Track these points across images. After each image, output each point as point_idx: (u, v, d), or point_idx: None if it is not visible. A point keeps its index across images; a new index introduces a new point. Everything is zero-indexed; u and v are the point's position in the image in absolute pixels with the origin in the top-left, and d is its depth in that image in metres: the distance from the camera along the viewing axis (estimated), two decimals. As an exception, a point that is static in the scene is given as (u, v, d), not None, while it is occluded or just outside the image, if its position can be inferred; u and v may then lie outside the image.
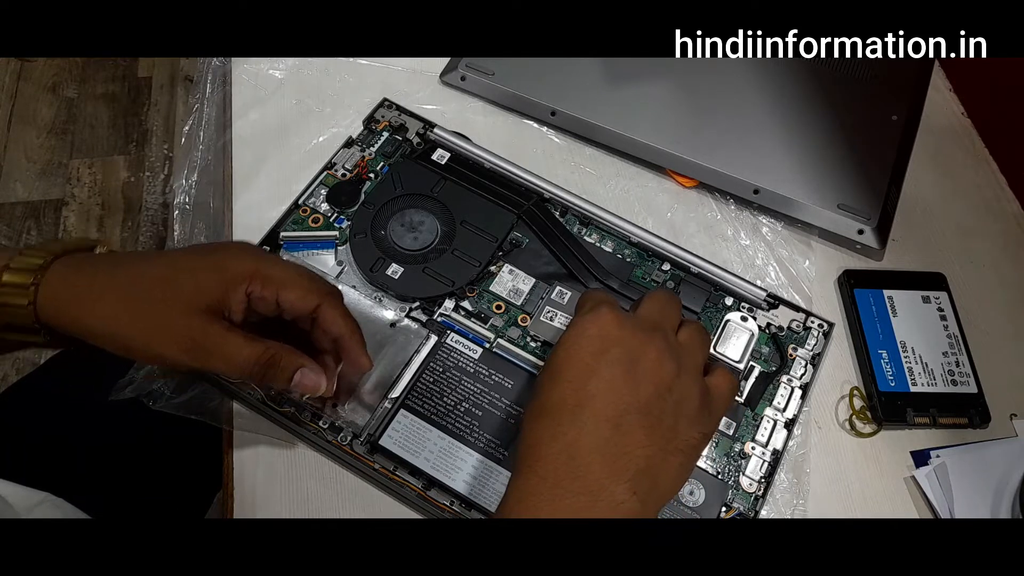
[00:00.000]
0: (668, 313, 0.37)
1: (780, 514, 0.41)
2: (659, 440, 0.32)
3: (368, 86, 0.55)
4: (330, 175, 0.50)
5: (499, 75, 0.55)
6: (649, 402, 0.32)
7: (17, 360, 1.20)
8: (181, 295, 0.34)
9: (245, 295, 0.35)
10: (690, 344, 0.36)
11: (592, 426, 0.31)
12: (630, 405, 0.32)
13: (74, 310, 0.35)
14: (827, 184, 0.50)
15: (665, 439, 0.32)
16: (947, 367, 0.45)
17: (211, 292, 0.34)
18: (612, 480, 0.31)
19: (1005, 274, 0.51)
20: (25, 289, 0.34)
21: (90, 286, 0.35)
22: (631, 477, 0.31)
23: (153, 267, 0.35)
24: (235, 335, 0.35)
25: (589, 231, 0.49)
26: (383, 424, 0.41)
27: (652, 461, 0.32)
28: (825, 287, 0.49)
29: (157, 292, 0.34)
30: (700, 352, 0.36)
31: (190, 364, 0.34)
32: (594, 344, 0.33)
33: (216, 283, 0.35)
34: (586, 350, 0.33)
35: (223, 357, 0.35)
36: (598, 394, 0.32)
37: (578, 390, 0.32)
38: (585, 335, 0.34)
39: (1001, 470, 0.43)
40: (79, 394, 0.54)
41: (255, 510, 0.40)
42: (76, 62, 1.51)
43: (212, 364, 0.35)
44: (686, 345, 0.35)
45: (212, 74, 0.55)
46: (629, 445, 0.32)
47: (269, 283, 0.36)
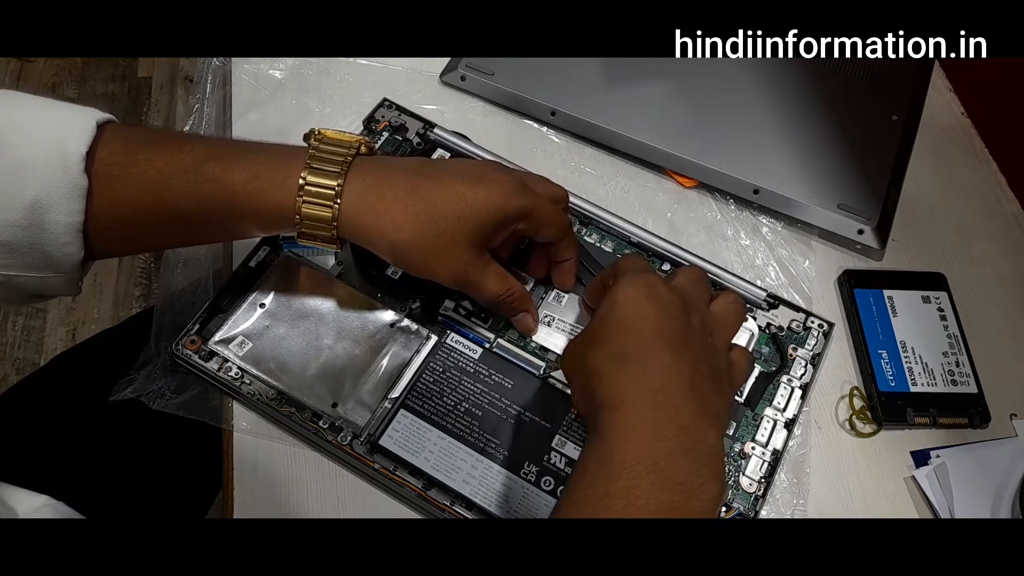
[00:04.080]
0: (701, 289, 0.38)
1: (780, 514, 0.41)
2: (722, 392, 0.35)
3: (368, 86, 0.55)
4: (330, 175, 0.50)
5: (499, 75, 0.55)
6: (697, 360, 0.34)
7: (17, 360, 1.20)
8: (464, 230, 0.37)
9: (514, 232, 0.40)
10: (723, 318, 0.38)
11: (677, 369, 0.33)
12: (697, 358, 0.34)
13: (364, 222, 0.37)
14: (827, 184, 0.50)
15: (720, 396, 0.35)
16: (947, 367, 0.45)
17: (490, 232, 0.38)
18: (703, 422, 0.32)
19: (1005, 274, 0.51)
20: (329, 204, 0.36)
21: (382, 203, 0.37)
22: (717, 422, 0.33)
23: (442, 193, 0.37)
24: (492, 269, 0.40)
25: (589, 231, 0.49)
26: (383, 424, 0.41)
27: (720, 409, 0.34)
28: (825, 287, 0.49)
29: (444, 224, 0.37)
30: (732, 327, 0.38)
31: (451, 286, 0.39)
32: (653, 302, 0.35)
33: (496, 225, 0.38)
34: (648, 305, 0.34)
35: (479, 288, 0.40)
36: (675, 341, 0.33)
37: (654, 339, 0.33)
38: (643, 293, 0.35)
39: (1001, 470, 0.43)
40: (79, 394, 0.54)
41: (255, 510, 0.40)
42: (76, 62, 1.51)
43: (468, 290, 0.40)
44: (719, 318, 0.37)
45: (212, 74, 0.55)
46: (707, 391, 0.33)
47: (535, 222, 0.40)
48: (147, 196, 0.36)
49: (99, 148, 0.35)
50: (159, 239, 0.40)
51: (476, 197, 0.37)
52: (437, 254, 0.37)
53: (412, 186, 0.37)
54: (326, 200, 0.36)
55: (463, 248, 0.38)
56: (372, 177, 0.37)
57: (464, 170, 0.39)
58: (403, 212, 0.37)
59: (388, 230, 0.37)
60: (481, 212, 0.37)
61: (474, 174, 0.38)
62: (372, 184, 0.37)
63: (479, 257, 0.39)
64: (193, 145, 0.37)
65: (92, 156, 0.35)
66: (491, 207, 0.37)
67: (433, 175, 0.38)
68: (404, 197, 0.37)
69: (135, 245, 0.40)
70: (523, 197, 0.38)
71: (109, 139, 0.36)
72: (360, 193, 0.37)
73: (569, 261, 0.44)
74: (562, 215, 0.42)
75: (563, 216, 0.42)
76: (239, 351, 0.42)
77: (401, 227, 0.37)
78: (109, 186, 0.35)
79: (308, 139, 0.38)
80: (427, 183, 0.37)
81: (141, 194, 0.36)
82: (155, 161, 0.36)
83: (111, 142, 0.36)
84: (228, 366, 0.42)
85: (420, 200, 0.37)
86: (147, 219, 0.37)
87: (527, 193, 0.39)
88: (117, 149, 0.36)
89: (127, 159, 0.36)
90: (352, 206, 0.36)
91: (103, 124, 0.36)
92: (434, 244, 0.37)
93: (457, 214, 0.37)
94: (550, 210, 0.40)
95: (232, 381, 0.42)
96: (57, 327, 1.23)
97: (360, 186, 0.37)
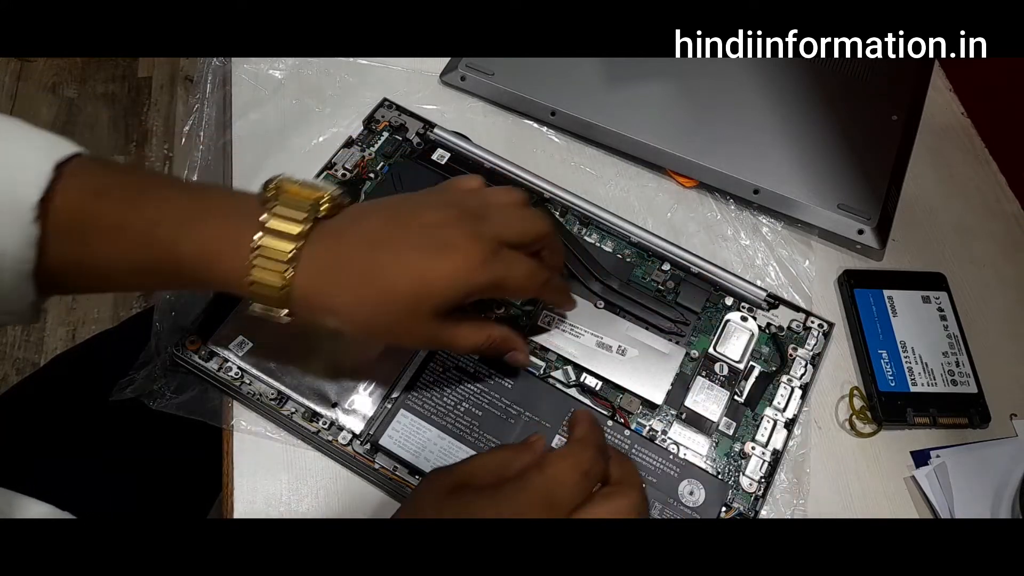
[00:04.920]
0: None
1: (780, 514, 0.41)
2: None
3: (368, 86, 0.55)
4: (330, 175, 0.50)
5: (499, 75, 0.55)
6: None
7: (17, 360, 1.20)
8: (425, 307, 0.35)
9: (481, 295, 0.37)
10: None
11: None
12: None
13: (317, 306, 0.35)
14: (827, 184, 0.50)
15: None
16: (947, 367, 0.45)
17: (454, 304, 0.36)
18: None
19: (1005, 274, 0.51)
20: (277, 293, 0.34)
21: (335, 287, 0.35)
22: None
23: (400, 272, 0.35)
24: (463, 327, 0.38)
25: (589, 231, 0.49)
26: (383, 424, 0.41)
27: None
28: (825, 287, 0.49)
29: (403, 303, 0.35)
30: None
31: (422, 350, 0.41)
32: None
33: (460, 298, 0.36)
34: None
35: (453, 347, 0.39)
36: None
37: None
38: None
39: (1001, 470, 0.43)
40: (79, 394, 0.54)
41: (255, 510, 0.40)
42: (76, 62, 1.51)
43: (442, 348, 0.41)
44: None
45: (212, 74, 0.55)
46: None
47: (506, 291, 0.38)
48: (99, 253, 0.34)
49: (55, 196, 0.33)
50: (118, 288, 0.39)
51: (439, 273, 0.35)
52: (398, 330, 0.36)
53: (367, 266, 0.35)
54: (274, 289, 0.34)
55: (426, 320, 0.36)
56: (323, 262, 0.35)
57: (430, 235, 0.36)
58: (357, 298, 0.35)
59: (342, 314, 0.35)
60: (444, 290, 0.35)
61: (439, 243, 0.35)
62: (324, 269, 0.35)
63: (445, 321, 0.36)
64: (146, 203, 0.35)
65: (47, 204, 0.32)
66: (455, 284, 0.35)
67: (394, 245, 0.35)
68: (358, 282, 0.35)
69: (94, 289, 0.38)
70: (491, 270, 0.36)
71: (66, 186, 0.33)
72: (312, 278, 0.34)
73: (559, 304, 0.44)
74: (537, 278, 0.38)
75: (539, 278, 0.39)
76: (239, 351, 0.42)
77: (355, 312, 0.35)
78: (61, 239, 0.33)
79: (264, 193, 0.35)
80: (385, 257, 0.35)
81: (93, 250, 0.34)
82: (108, 218, 0.34)
83: (68, 189, 0.33)
84: (228, 366, 0.42)
85: (376, 281, 0.35)
86: (100, 273, 0.36)
87: (496, 264, 0.36)
88: (72, 199, 0.33)
89: (80, 214, 0.34)
90: (303, 291, 0.34)
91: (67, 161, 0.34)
92: (393, 322, 0.36)
93: (416, 292, 0.35)
94: (523, 278, 0.38)
95: (232, 381, 0.42)
96: (57, 327, 1.23)
97: (311, 271, 0.34)
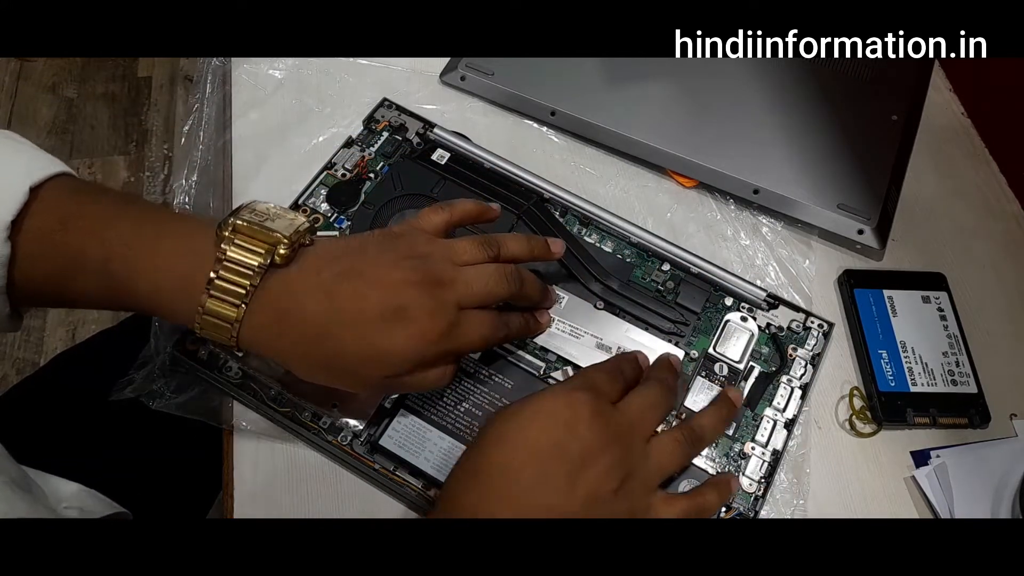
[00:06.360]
0: (651, 416, 0.37)
1: (780, 514, 0.41)
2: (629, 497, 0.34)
3: (368, 86, 0.55)
4: (330, 175, 0.50)
5: (499, 75, 0.55)
6: (575, 511, 0.33)
7: (17, 360, 1.20)
8: (374, 373, 0.35)
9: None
10: (656, 458, 0.36)
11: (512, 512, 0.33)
12: (554, 507, 0.33)
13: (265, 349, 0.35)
14: (827, 184, 0.50)
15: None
16: (947, 367, 0.45)
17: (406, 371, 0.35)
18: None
19: (1005, 274, 0.51)
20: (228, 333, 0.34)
21: (281, 341, 0.35)
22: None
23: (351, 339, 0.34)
24: (419, 373, 0.36)
25: (589, 231, 0.49)
26: (383, 424, 0.41)
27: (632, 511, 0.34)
28: (825, 287, 0.49)
29: (351, 366, 0.35)
30: (659, 472, 0.36)
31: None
32: (556, 431, 0.34)
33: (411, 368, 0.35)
34: (545, 432, 0.34)
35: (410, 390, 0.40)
36: (530, 488, 0.33)
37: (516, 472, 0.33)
38: (553, 415, 0.34)
39: (1001, 470, 0.43)
40: (79, 394, 0.54)
41: (255, 510, 0.40)
42: (76, 62, 1.51)
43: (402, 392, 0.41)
44: (652, 456, 0.36)
45: (212, 74, 0.55)
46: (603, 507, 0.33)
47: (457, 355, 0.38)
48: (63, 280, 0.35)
49: (27, 218, 0.34)
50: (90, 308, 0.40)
51: (391, 345, 0.34)
52: (348, 385, 0.36)
53: (318, 325, 0.34)
54: (223, 332, 0.34)
55: (376, 381, 0.35)
56: (275, 312, 0.34)
57: (387, 298, 0.34)
58: (304, 355, 0.35)
59: (290, 364, 0.36)
60: (395, 360, 0.34)
61: (395, 310, 0.34)
62: (273, 321, 0.34)
63: (398, 380, 0.36)
64: (107, 234, 0.35)
65: (19, 225, 0.34)
66: (407, 357, 0.35)
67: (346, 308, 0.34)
68: (308, 340, 0.35)
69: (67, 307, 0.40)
70: (446, 342, 0.35)
71: (35, 211, 0.34)
72: (259, 329, 0.34)
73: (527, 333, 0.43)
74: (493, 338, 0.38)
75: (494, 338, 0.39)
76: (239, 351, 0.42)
77: (301, 365, 0.36)
78: (29, 262, 0.35)
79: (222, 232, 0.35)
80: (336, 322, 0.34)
81: (58, 277, 0.35)
82: (70, 248, 0.35)
83: (36, 215, 0.34)
84: (228, 366, 0.42)
85: (326, 343, 0.34)
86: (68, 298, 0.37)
87: (451, 336, 0.35)
88: (40, 225, 0.34)
89: (47, 237, 0.35)
90: (250, 338, 0.35)
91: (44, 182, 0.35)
92: (342, 380, 0.36)
93: (366, 360, 0.34)
94: (477, 343, 0.37)
95: (232, 381, 0.42)
96: (57, 327, 1.23)
97: (259, 323, 0.34)
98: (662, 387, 0.39)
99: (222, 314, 0.34)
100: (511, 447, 0.34)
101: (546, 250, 0.41)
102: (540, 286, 0.42)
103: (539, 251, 0.41)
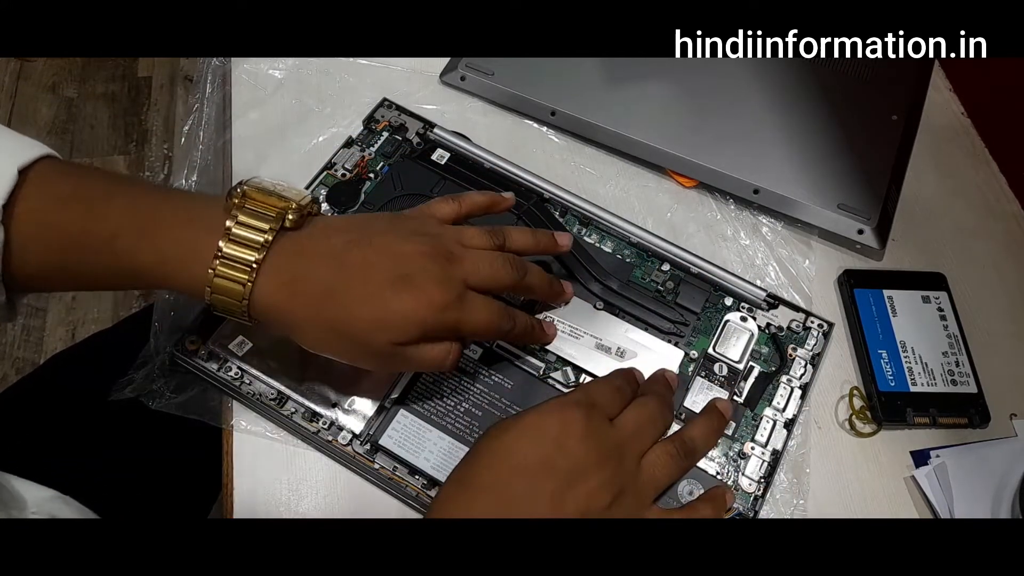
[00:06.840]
0: (648, 432, 0.37)
1: (780, 514, 0.41)
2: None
3: (368, 86, 0.55)
4: (330, 175, 0.50)
5: (499, 75, 0.55)
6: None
7: (17, 359, 1.20)
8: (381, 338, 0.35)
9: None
10: (649, 472, 0.36)
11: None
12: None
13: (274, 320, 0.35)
14: (827, 184, 0.50)
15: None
16: (947, 367, 0.45)
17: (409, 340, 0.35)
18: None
19: (1005, 274, 0.51)
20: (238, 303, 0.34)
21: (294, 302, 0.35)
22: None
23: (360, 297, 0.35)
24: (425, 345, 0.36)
25: (589, 231, 0.49)
26: (383, 424, 0.41)
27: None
28: (825, 287, 0.49)
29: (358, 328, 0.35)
30: (653, 487, 0.37)
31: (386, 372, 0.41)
32: (545, 447, 0.34)
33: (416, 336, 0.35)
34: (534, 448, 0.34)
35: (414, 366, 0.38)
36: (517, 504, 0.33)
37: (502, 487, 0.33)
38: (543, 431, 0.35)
39: (1001, 470, 0.43)
40: (79, 394, 0.54)
41: (255, 510, 0.40)
42: (76, 62, 1.51)
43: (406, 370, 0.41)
44: (645, 471, 0.36)
45: (212, 74, 0.55)
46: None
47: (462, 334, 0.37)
48: (63, 261, 0.35)
49: (18, 202, 0.33)
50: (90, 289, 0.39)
51: (397, 308, 0.34)
52: (354, 353, 0.36)
53: (327, 288, 0.34)
54: (235, 298, 0.34)
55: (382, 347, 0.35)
56: (284, 276, 0.34)
57: (396, 265, 0.35)
58: (313, 318, 0.35)
59: (298, 331, 0.36)
60: (400, 324, 0.35)
61: (404, 276, 0.35)
62: (284, 284, 0.34)
63: (403, 349, 0.35)
64: (107, 210, 0.35)
65: (11, 209, 0.33)
66: (411, 322, 0.35)
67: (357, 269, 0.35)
68: (317, 302, 0.35)
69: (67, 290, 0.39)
70: (449, 315, 0.35)
71: (29, 193, 0.34)
72: (271, 291, 0.34)
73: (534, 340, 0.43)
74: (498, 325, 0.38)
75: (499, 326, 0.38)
76: (239, 351, 0.42)
77: (310, 331, 0.35)
78: (25, 245, 0.34)
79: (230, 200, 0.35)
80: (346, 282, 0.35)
81: (58, 258, 0.35)
82: (70, 227, 0.34)
83: (29, 197, 0.34)
84: (228, 366, 0.42)
85: (335, 305, 0.34)
86: (67, 277, 0.36)
87: (456, 310, 0.36)
88: (34, 207, 0.34)
89: (44, 218, 0.34)
90: (261, 303, 0.34)
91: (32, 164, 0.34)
92: (349, 346, 0.36)
93: (373, 322, 0.34)
94: (481, 325, 0.37)
95: (232, 381, 0.42)
96: (57, 327, 1.23)
97: (271, 285, 0.34)
98: (659, 402, 0.39)
99: (234, 278, 0.34)
100: (500, 462, 0.34)
101: (552, 243, 0.42)
102: (546, 279, 0.42)
103: (545, 244, 0.41)
